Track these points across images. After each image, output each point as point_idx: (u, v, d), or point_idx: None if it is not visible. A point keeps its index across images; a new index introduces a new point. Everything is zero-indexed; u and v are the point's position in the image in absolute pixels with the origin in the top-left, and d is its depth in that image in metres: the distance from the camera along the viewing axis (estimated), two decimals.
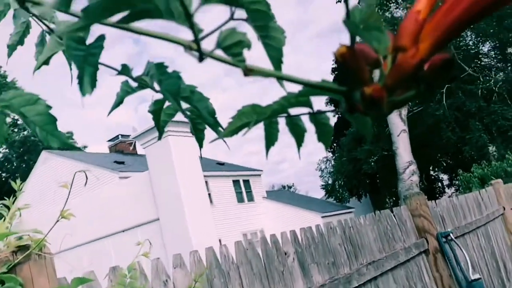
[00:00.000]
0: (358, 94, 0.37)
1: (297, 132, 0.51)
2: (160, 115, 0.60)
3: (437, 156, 29.93)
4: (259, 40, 0.46)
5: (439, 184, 33.98)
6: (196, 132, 0.63)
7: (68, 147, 0.44)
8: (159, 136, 0.62)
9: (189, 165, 15.40)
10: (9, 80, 36.60)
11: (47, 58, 0.50)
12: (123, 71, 0.52)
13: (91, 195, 19.26)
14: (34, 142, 35.74)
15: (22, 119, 0.43)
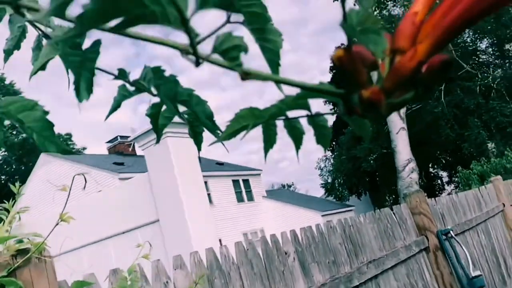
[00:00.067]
0: (356, 97, 0.37)
1: (296, 134, 0.51)
2: (158, 118, 0.59)
3: (436, 153, 29.94)
4: (256, 42, 0.46)
5: (439, 181, 34.00)
6: (194, 135, 0.63)
7: (65, 153, 0.44)
8: (157, 139, 0.62)
9: (188, 166, 15.40)
10: (7, 82, 36.55)
11: (43, 63, 0.50)
12: (120, 76, 0.52)
13: (91, 197, 19.25)
14: (33, 144, 35.68)
15: (19, 125, 0.43)
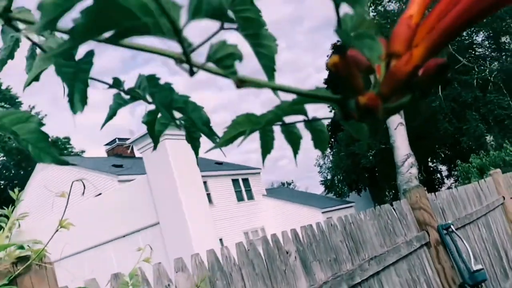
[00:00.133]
0: (352, 102, 0.37)
1: (293, 139, 0.51)
2: (154, 125, 0.59)
3: (435, 147, 29.97)
4: (251, 48, 0.45)
5: (438, 175, 34.03)
6: (191, 140, 0.63)
7: (61, 163, 0.43)
8: (154, 146, 0.62)
9: (187, 167, 15.37)
10: (3, 87, 36.50)
11: (37, 75, 0.49)
12: (115, 85, 0.52)
13: (90, 201, 19.21)
14: None
15: (14, 138, 0.42)
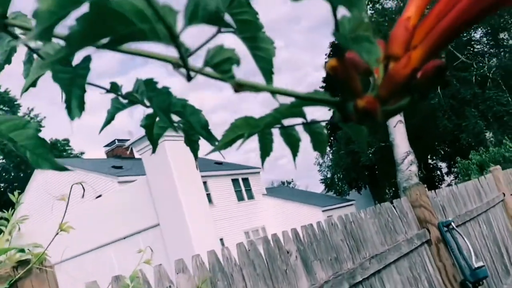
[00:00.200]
0: (351, 105, 0.36)
1: (292, 142, 0.51)
2: (152, 129, 0.59)
3: (434, 144, 29.99)
4: (248, 51, 0.45)
5: (438, 172, 34.04)
6: (190, 143, 0.63)
7: (59, 170, 0.43)
8: (153, 149, 0.62)
9: (186, 168, 15.36)
10: (2, 90, 36.48)
11: (34, 80, 0.49)
12: (112, 89, 0.52)
13: (90, 203, 19.19)
14: None
15: (11, 144, 0.42)
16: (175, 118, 0.57)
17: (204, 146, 0.66)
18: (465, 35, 27.05)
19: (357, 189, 33.04)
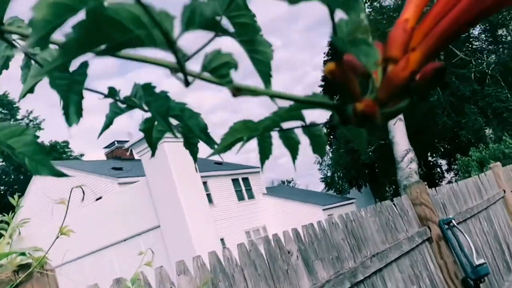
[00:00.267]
0: (350, 108, 0.36)
1: (291, 144, 0.51)
2: (151, 133, 0.59)
3: (434, 141, 29.97)
4: (246, 54, 0.45)
5: (438, 169, 34.03)
6: (189, 146, 0.63)
7: (58, 175, 0.43)
8: (152, 153, 0.61)
9: (186, 169, 15.35)
10: (0, 93, 36.46)
11: (31, 87, 0.49)
12: (110, 94, 0.51)
13: (90, 206, 19.16)
14: None
15: (10, 152, 0.42)
16: (174, 121, 0.57)
17: (203, 147, 0.65)
18: None
19: (357, 187, 33.03)
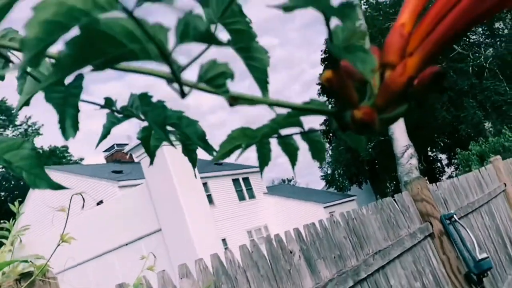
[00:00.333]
0: (348, 115, 0.36)
1: (290, 151, 0.50)
2: (149, 141, 0.58)
3: (434, 136, 29.99)
4: (243, 62, 0.45)
5: (438, 164, 34.05)
6: (188, 153, 0.62)
7: (57, 188, 0.43)
8: (151, 161, 0.61)
9: (185, 172, 15.33)
10: None
11: (27, 99, 0.49)
12: (107, 105, 0.51)
13: (91, 211, 19.12)
14: None
15: (7, 166, 0.42)
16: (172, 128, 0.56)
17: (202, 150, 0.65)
18: None
19: (358, 184, 33.04)
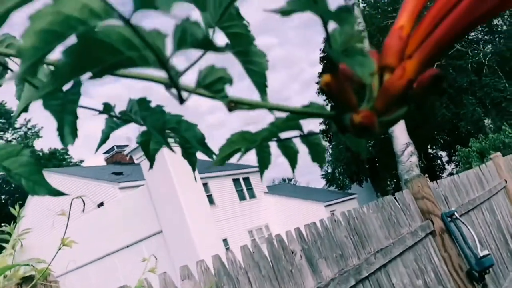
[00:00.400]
0: (347, 118, 0.36)
1: (290, 154, 0.50)
2: (149, 145, 0.58)
3: (433, 134, 29.98)
4: (241, 65, 0.45)
5: (439, 161, 34.06)
6: (187, 156, 0.62)
7: (57, 194, 0.43)
8: (151, 165, 0.61)
9: (185, 173, 15.31)
10: None
11: (25, 106, 0.49)
12: (105, 110, 0.51)
13: (91, 213, 19.11)
14: None
15: (6, 173, 0.42)
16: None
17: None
18: None
19: (358, 182, 33.03)
